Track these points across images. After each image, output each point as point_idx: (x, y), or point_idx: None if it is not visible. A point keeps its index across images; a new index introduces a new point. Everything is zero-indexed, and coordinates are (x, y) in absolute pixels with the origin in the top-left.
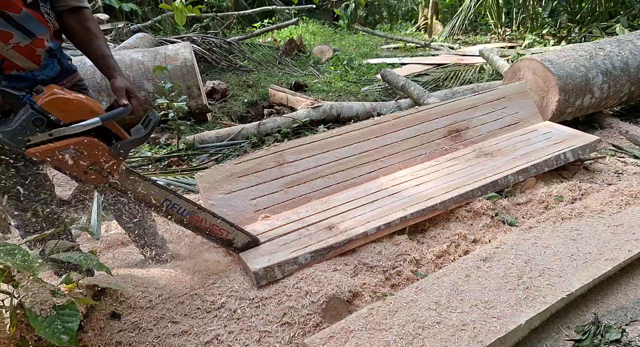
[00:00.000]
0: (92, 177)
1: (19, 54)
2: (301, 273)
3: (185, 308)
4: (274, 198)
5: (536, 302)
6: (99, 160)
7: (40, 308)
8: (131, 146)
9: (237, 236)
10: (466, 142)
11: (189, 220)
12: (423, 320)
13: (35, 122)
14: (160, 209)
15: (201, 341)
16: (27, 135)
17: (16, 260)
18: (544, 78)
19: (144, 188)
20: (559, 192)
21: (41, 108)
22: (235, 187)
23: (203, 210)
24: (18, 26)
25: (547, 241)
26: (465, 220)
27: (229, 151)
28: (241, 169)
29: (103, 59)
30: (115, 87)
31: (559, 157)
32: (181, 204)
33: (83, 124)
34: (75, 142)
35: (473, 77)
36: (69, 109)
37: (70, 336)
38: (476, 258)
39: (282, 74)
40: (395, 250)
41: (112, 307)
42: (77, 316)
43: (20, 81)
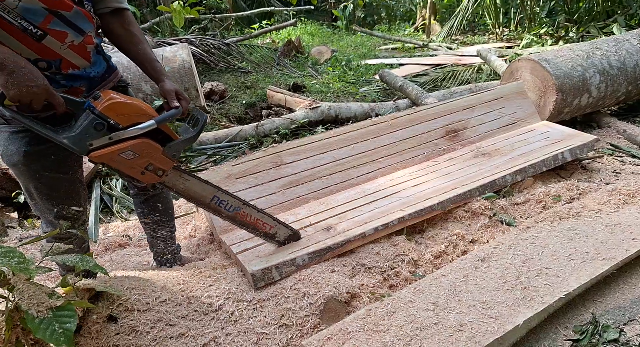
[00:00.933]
0: (147, 177)
1: (74, 52)
2: (299, 274)
3: (182, 310)
4: (272, 199)
5: (534, 302)
6: (154, 160)
7: (37, 310)
8: (182, 146)
9: (279, 229)
10: (464, 142)
11: (235, 215)
12: (421, 321)
13: (97, 126)
14: (209, 206)
15: (198, 343)
16: (89, 139)
17: (12, 262)
18: (541, 78)
19: (195, 186)
20: (556, 192)
21: (101, 113)
22: (233, 189)
23: (248, 205)
24: (71, 24)
25: (545, 241)
26: (463, 220)
27: (227, 152)
28: (239, 170)
29: (150, 63)
30: (166, 90)
31: (557, 156)
32: (228, 200)
33: (140, 127)
34: (133, 145)
35: (471, 78)
36: (127, 113)
37: (67, 337)
38: (474, 258)
39: (280, 75)
40: (393, 251)
41: (108, 310)
42: (74, 317)
43: (77, 79)
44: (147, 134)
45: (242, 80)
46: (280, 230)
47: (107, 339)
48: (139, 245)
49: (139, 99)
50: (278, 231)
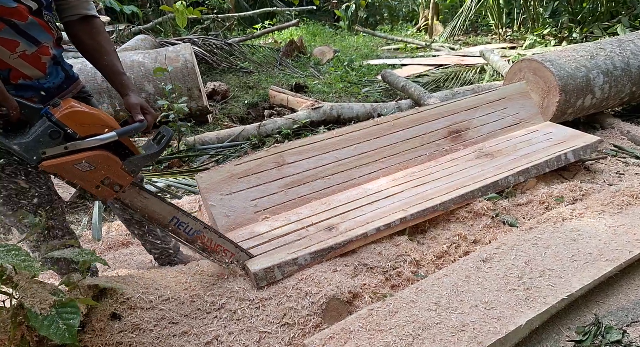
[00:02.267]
0: (103, 192)
1: (25, 62)
2: (301, 274)
3: (185, 309)
4: (274, 199)
5: (536, 302)
6: (111, 174)
7: (40, 307)
8: (144, 162)
9: (240, 257)
10: (466, 143)
11: (195, 238)
12: (423, 321)
13: (52, 134)
14: (168, 227)
15: (201, 341)
16: (42, 147)
17: (16, 260)
18: (544, 78)
19: (154, 205)
20: (559, 193)
21: (58, 120)
22: (235, 188)
23: (210, 229)
24: (24, 34)
25: (548, 242)
26: (466, 221)
27: (229, 152)
28: (241, 170)
29: (115, 75)
30: (130, 104)
31: (560, 157)
32: (189, 222)
33: (99, 138)
34: (90, 156)
35: (474, 78)
36: (86, 123)
37: (71, 333)
38: (476, 259)
39: (282, 75)
40: (395, 251)
41: (112, 308)
42: (78, 314)
43: (28, 90)
44: (107, 147)
45: (245, 80)
46: (242, 257)
47: (110, 336)
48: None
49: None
50: (240, 258)
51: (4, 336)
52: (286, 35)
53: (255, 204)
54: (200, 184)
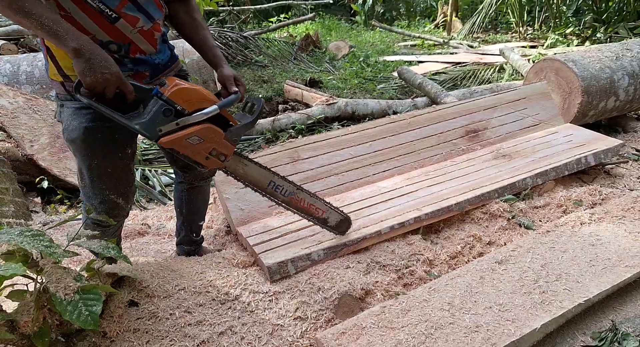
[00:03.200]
0: (211, 162)
1: (142, 38)
2: (314, 269)
3: (200, 299)
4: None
5: (552, 306)
6: (217, 145)
7: (64, 293)
8: (242, 131)
9: (331, 214)
10: (484, 143)
11: (289, 200)
12: (436, 320)
13: (165, 112)
14: (266, 190)
15: (215, 331)
16: (158, 125)
17: (41, 246)
18: (566, 79)
19: (254, 171)
20: (578, 197)
21: (168, 99)
22: None
23: (302, 190)
24: (142, 10)
25: (565, 246)
26: (481, 222)
27: (243, 146)
28: None
29: (209, 49)
30: (225, 76)
31: (580, 160)
32: (284, 185)
33: (204, 112)
34: (199, 130)
35: (492, 77)
36: (192, 99)
37: (94, 319)
38: (491, 260)
39: (297, 70)
40: (408, 249)
41: (130, 296)
42: (100, 301)
43: (142, 64)
44: (210, 120)
45: (259, 74)
46: (331, 215)
47: (128, 323)
48: (158, 233)
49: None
50: (330, 216)
51: (27, 318)
52: (302, 29)
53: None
54: (216, 177)
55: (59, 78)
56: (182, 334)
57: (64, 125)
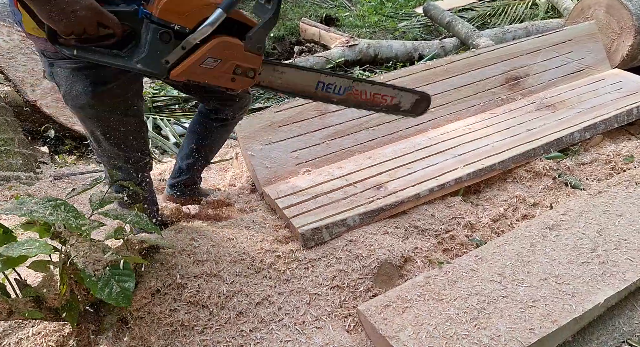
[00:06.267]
0: (240, 83)
1: None
2: (350, 235)
3: (236, 268)
4: (316, 151)
5: (614, 279)
6: (239, 61)
7: (93, 269)
8: (264, 33)
9: (402, 98)
10: (525, 92)
11: (347, 97)
12: (487, 293)
13: (162, 37)
14: (316, 95)
15: (252, 301)
16: (162, 56)
17: (67, 218)
18: (618, 18)
19: (294, 77)
20: (628, 152)
21: (159, 19)
22: (275, 138)
23: (360, 81)
24: None
25: (621, 209)
26: (524, 181)
27: (258, 93)
28: (281, 118)
29: None
30: None
31: (632, 111)
32: (335, 81)
33: (208, 23)
34: (210, 49)
35: (525, 14)
36: (187, 10)
37: (127, 296)
38: (541, 226)
39: (310, 5)
40: (448, 213)
41: (163, 269)
42: (132, 276)
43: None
44: (220, 30)
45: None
46: (403, 98)
47: (158, 297)
48: None
49: None
50: (402, 100)
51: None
52: None
53: (297, 155)
54: (239, 132)
55: (40, 33)
56: (220, 307)
57: (63, 90)
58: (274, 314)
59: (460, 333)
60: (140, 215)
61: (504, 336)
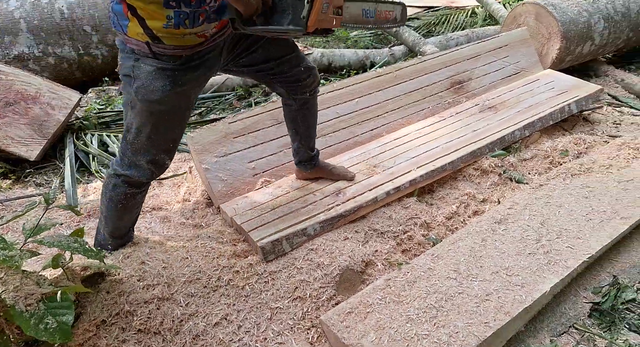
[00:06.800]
0: (338, 21)
1: None
2: (311, 244)
3: (190, 289)
4: (273, 160)
5: (558, 266)
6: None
7: (25, 303)
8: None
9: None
10: (469, 95)
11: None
12: (444, 290)
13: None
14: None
15: (210, 322)
16: (300, 13)
17: None
18: (546, 24)
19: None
20: (564, 146)
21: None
22: (230, 149)
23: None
24: None
25: (560, 200)
26: (473, 179)
27: (213, 104)
28: (236, 129)
29: None
30: None
31: (564, 109)
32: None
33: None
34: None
35: (466, 22)
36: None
37: (64, 331)
38: (490, 221)
39: None
40: (405, 213)
41: (109, 297)
42: (71, 308)
43: None
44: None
45: None
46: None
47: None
48: None
49: None
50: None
51: None
52: None
53: (254, 166)
54: (192, 145)
55: (144, 38)
56: (174, 333)
57: (140, 82)
58: (234, 334)
59: (421, 333)
60: (80, 240)
61: (461, 332)
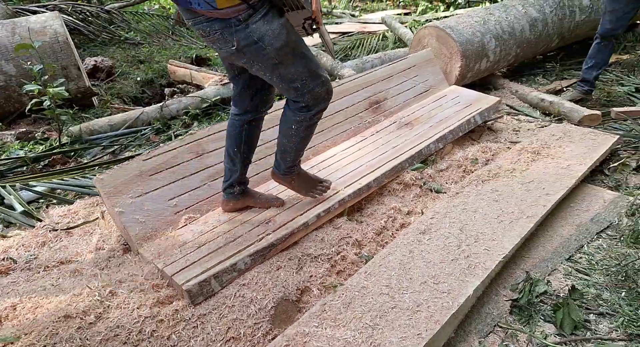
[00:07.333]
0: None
1: None
2: (242, 279)
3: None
4: (197, 195)
5: (478, 269)
6: None
7: None
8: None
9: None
10: (386, 113)
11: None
12: (378, 307)
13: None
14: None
15: None
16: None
17: None
18: (447, 45)
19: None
20: (473, 155)
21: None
22: (147, 188)
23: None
24: None
25: (474, 205)
26: (397, 192)
27: (127, 141)
28: (153, 166)
29: None
30: None
31: (470, 120)
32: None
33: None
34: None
35: (378, 45)
36: None
37: None
38: (415, 232)
39: (178, 47)
40: (337, 234)
41: None
42: None
43: None
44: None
45: (133, 54)
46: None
47: None
48: (29, 268)
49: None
50: None
51: None
52: None
53: (175, 203)
54: (102, 188)
55: (235, 1)
56: None
57: (267, 39)
58: None
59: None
60: None
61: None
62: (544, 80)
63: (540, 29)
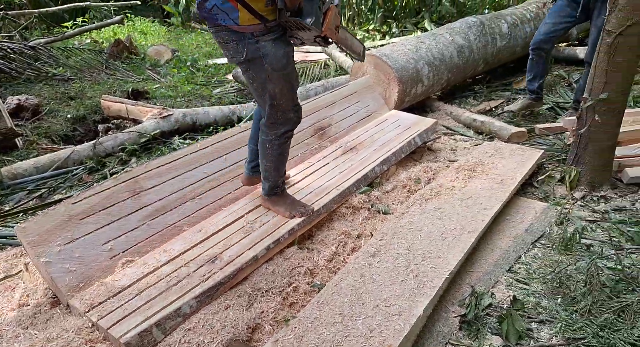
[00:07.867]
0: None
1: None
2: (188, 323)
3: None
4: (135, 236)
5: (426, 288)
6: (337, 19)
7: None
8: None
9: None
10: (332, 139)
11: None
12: (332, 338)
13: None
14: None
15: None
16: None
17: None
18: (384, 72)
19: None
20: (416, 175)
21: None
22: (78, 233)
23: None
24: None
25: (420, 224)
26: (346, 216)
27: (57, 183)
28: (83, 208)
29: None
30: None
31: (411, 142)
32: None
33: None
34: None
35: (321, 73)
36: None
37: None
38: (366, 255)
39: (113, 81)
40: (287, 265)
41: None
42: None
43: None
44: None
45: (63, 90)
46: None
47: None
48: None
49: None
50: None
51: None
52: (108, 35)
53: (110, 246)
54: (24, 238)
55: (255, 21)
56: None
57: (269, 57)
58: None
59: None
60: None
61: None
62: (474, 101)
63: (467, 55)
